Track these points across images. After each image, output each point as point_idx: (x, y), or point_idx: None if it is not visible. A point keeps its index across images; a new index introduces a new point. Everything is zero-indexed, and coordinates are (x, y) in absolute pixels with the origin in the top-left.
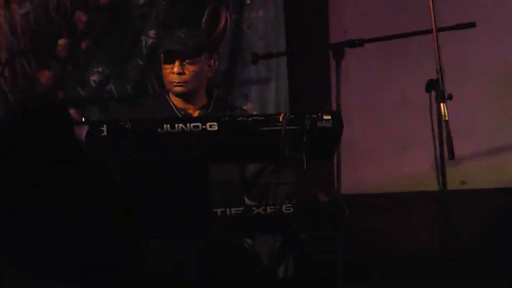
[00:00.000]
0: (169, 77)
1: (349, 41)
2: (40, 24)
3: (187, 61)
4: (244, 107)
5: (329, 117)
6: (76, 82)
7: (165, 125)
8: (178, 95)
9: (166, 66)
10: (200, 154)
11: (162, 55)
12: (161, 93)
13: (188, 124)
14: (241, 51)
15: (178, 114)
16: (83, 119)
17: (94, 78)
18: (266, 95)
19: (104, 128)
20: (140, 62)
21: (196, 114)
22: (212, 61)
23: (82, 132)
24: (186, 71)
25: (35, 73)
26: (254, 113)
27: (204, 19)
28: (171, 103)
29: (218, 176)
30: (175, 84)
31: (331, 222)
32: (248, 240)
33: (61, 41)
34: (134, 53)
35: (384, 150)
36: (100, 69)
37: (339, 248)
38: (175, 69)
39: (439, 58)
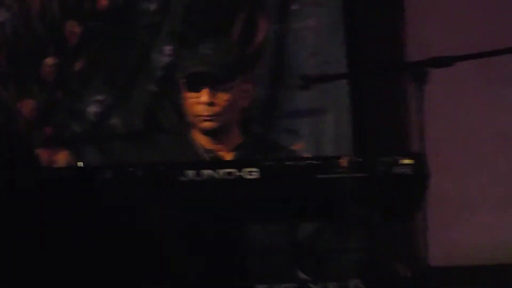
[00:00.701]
0: (195, 109)
1: (433, 59)
2: (21, 37)
3: (218, 86)
4: (293, 147)
5: (411, 161)
6: (69, 114)
7: (189, 172)
8: (206, 132)
9: (191, 94)
10: (235, 210)
11: (184, 80)
12: (181, 128)
13: (219, 170)
14: (287, 73)
15: (205, 157)
16: (79, 164)
17: (92, 109)
18: (322, 131)
19: (108, 175)
20: (152, 88)
21: (229, 157)
22: (249, 86)
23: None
24: (217, 101)
25: (15, 102)
26: (307, 155)
27: (235, 30)
28: (196, 142)
29: (261, 241)
30: (204, 118)
31: None
32: None
33: (48, 61)
34: (143, 76)
35: (487, 205)
36: (100, 98)
37: None
38: (203, 99)
39: None
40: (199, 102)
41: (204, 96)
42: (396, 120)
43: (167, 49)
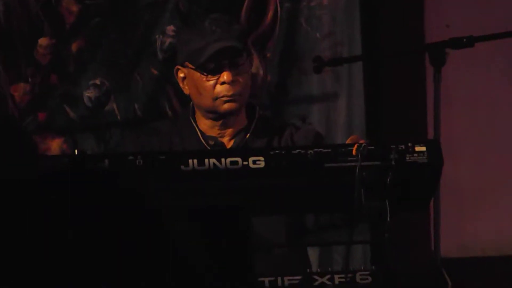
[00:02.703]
0: (215, 91)
1: (453, 39)
2: (13, 16)
3: (239, 63)
4: None
5: (424, 148)
6: (64, 99)
7: (190, 161)
8: (224, 114)
9: (208, 77)
10: (240, 201)
11: (204, 60)
12: (183, 114)
13: (222, 159)
14: (297, 55)
15: (205, 144)
16: (76, 152)
17: (89, 94)
18: (333, 118)
19: (106, 163)
20: (154, 71)
21: (230, 143)
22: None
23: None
24: (238, 79)
25: (7, 87)
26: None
27: (243, 8)
28: (197, 129)
29: (266, 233)
30: (226, 99)
31: None
32: None
33: (42, 41)
34: (145, 58)
35: (504, 195)
36: (97, 81)
37: None
38: (225, 77)
39: None
40: (220, 82)
41: (226, 75)
42: (412, 105)
43: (170, 29)
